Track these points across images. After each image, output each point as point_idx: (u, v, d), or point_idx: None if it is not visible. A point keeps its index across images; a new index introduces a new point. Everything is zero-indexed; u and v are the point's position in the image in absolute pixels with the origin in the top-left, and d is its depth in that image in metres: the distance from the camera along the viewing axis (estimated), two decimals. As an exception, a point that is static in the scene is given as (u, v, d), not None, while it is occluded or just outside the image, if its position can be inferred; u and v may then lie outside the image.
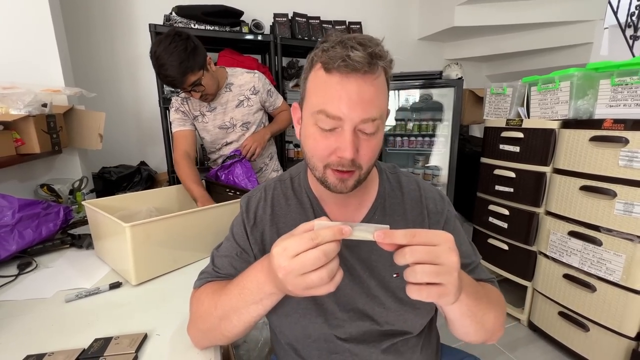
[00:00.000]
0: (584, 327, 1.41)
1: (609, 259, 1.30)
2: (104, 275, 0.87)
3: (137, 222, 0.77)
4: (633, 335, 1.26)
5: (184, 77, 1.13)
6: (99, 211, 0.86)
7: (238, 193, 1.15)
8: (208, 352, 0.58)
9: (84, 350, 0.57)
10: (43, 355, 0.55)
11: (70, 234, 1.08)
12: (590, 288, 1.37)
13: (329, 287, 0.39)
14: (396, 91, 2.57)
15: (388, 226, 0.39)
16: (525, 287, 1.72)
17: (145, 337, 0.61)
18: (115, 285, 0.80)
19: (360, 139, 0.48)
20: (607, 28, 2.25)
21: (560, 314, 1.52)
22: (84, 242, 1.04)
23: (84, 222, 1.23)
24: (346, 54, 0.44)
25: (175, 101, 1.33)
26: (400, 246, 0.38)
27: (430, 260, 0.37)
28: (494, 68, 3.10)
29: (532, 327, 1.70)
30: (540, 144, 1.55)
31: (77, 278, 0.85)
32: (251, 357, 0.95)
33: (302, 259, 0.37)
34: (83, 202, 0.97)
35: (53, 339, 0.62)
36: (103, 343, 0.58)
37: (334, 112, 0.47)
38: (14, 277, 0.85)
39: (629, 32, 2.12)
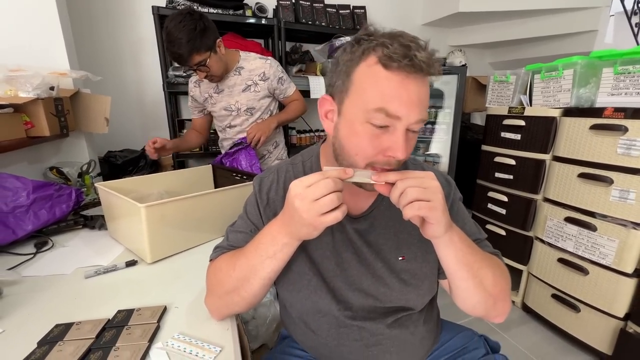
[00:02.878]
0: (575, 308, 1.47)
1: (603, 243, 1.35)
2: (119, 254, 0.90)
3: (152, 202, 0.80)
4: (621, 315, 1.32)
5: (190, 55, 1.16)
6: (113, 193, 0.89)
7: (245, 177, 1.18)
8: (225, 322, 0.62)
9: (109, 320, 0.61)
10: (71, 324, 0.59)
11: (83, 215, 1.11)
12: (583, 271, 1.42)
13: (336, 214, 0.46)
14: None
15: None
16: (521, 271, 1.77)
17: (165, 309, 0.65)
18: (131, 263, 0.84)
19: (407, 138, 0.50)
20: (612, 15, 2.23)
21: (553, 296, 1.58)
22: (96, 222, 1.07)
23: (94, 204, 1.26)
24: (413, 54, 0.44)
25: (190, 82, 1.42)
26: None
27: (417, 185, 0.46)
28: (497, 55, 3.08)
29: (526, 308, 1.77)
30: (541, 132, 1.57)
31: (94, 256, 0.89)
32: (260, 332, 1.00)
33: (314, 186, 0.46)
34: (97, 184, 0.99)
35: (78, 310, 0.66)
36: (126, 314, 0.62)
37: (394, 111, 0.46)
38: (32, 255, 0.88)
39: (635, 19, 2.11)
